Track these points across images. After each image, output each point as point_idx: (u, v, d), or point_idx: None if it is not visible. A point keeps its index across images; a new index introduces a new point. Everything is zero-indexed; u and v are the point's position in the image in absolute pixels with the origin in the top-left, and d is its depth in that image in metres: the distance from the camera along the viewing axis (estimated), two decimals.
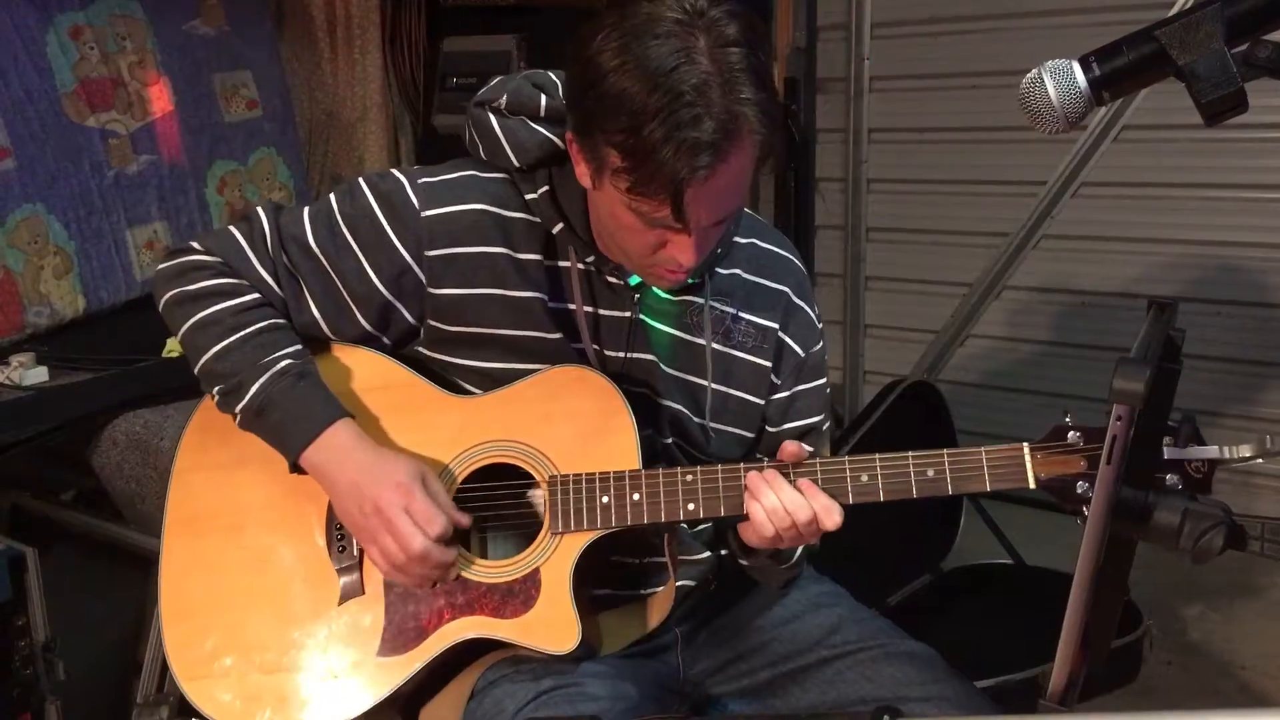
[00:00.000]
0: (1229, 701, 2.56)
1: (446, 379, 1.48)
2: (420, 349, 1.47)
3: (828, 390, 1.59)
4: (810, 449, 1.53)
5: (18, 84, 2.50)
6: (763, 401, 1.53)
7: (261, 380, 1.37)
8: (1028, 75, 0.99)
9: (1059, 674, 0.88)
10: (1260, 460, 1.18)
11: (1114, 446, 0.82)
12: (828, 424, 1.60)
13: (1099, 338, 3.37)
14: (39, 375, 2.29)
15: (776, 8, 3.66)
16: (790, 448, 1.36)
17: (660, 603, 1.48)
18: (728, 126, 1.19)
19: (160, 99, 2.83)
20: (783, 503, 1.32)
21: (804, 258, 1.62)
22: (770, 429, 1.55)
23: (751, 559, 1.47)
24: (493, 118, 1.43)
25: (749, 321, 1.50)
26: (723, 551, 1.54)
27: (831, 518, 1.32)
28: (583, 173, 1.32)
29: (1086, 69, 0.97)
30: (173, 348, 2.44)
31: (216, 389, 1.41)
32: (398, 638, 1.40)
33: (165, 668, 2.00)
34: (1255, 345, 3.19)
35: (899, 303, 3.80)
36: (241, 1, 3.07)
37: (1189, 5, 0.95)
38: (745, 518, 1.36)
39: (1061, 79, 0.97)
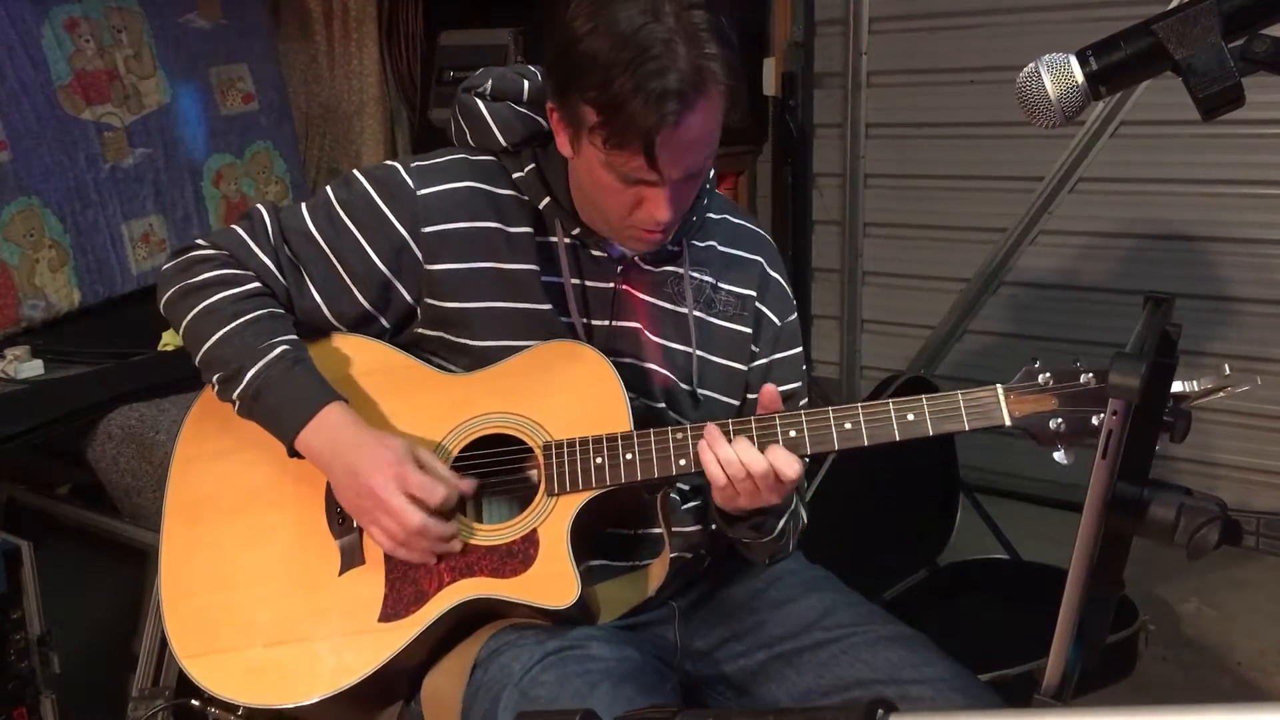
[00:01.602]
0: (1225, 697, 2.57)
1: (441, 363, 1.52)
2: (418, 330, 1.52)
3: (803, 358, 1.66)
4: None
5: (13, 77, 2.50)
6: (745, 368, 1.58)
7: (259, 365, 1.41)
8: (1024, 70, 0.99)
9: (1053, 669, 0.88)
10: (1221, 394, 1.20)
11: (1109, 441, 0.82)
12: (804, 397, 1.65)
13: (1096, 333, 3.37)
14: (34, 369, 2.29)
15: (775, 3, 3.66)
16: (768, 389, 1.40)
17: (656, 571, 1.50)
18: (693, 78, 1.27)
19: (156, 92, 2.83)
20: (737, 454, 1.34)
21: (801, 252, 1.65)
22: (751, 395, 1.59)
23: (732, 529, 1.49)
24: (479, 102, 1.51)
25: (728, 291, 1.58)
26: (713, 526, 1.55)
27: (793, 467, 1.34)
28: (563, 142, 1.40)
29: (1083, 63, 0.96)
30: (168, 341, 2.44)
31: (216, 376, 1.44)
32: (399, 603, 1.42)
33: (161, 660, 2.01)
34: (1252, 341, 3.19)
35: (896, 298, 3.80)
36: None
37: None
38: None
39: (1058, 73, 0.97)
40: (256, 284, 1.47)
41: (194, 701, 1.45)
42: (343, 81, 3.41)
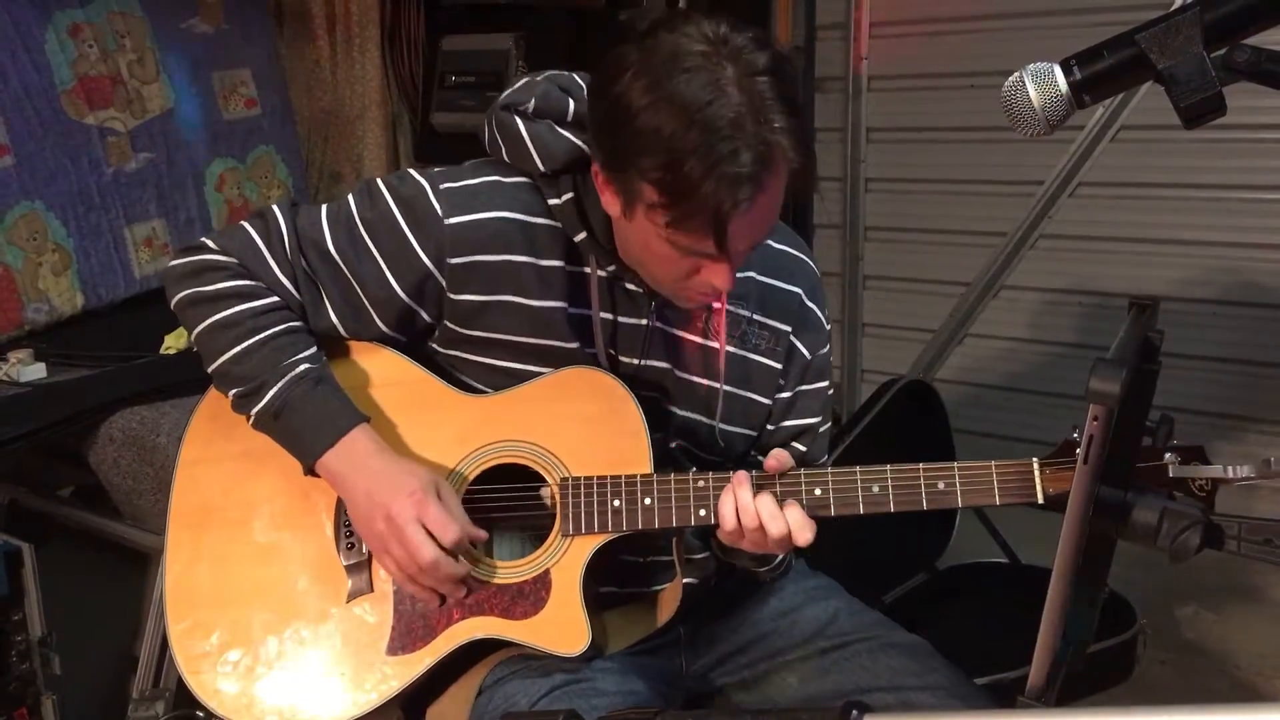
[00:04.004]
0: (1223, 701, 2.56)
1: (457, 377, 1.48)
2: (434, 346, 1.48)
3: (829, 392, 1.60)
4: (803, 448, 1.55)
5: (16, 81, 2.51)
6: (770, 401, 1.54)
7: (280, 384, 1.37)
8: (1009, 78, 1.00)
9: (1037, 671, 0.89)
10: (1257, 481, 1.19)
11: (1090, 447, 0.83)
12: (825, 425, 1.60)
13: (1096, 337, 3.38)
14: (37, 372, 2.30)
15: (775, 6, 3.66)
16: (770, 463, 1.36)
17: (667, 601, 1.48)
18: (764, 157, 1.19)
19: (159, 97, 2.84)
20: (756, 506, 1.32)
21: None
22: (769, 426, 1.55)
23: (729, 556, 1.48)
24: (520, 122, 1.40)
25: (763, 324, 1.51)
26: (713, 545, 1.54)
27: (803, 535, 1.33)
28: (610, 203, 1.32)
29: (1067, 72, 0.97)
30: (170, 344, 2.46)
31: (233, 391, 1.40)
32: (406, 636, 1.40)
33: (162, 662, 2.03)
34: (1251, 345, 3.19)
35: (896, 302, 3.81)
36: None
37: (1174, 9, 0.96)
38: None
39: (1042, 82, 0.98)
40: (274, 298, 1.41)
41: (198, 713, 1.45)
42: (345, 86, 3.42)
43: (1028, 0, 3.30)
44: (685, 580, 1.47)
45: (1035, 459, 1.30)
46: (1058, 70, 0.98)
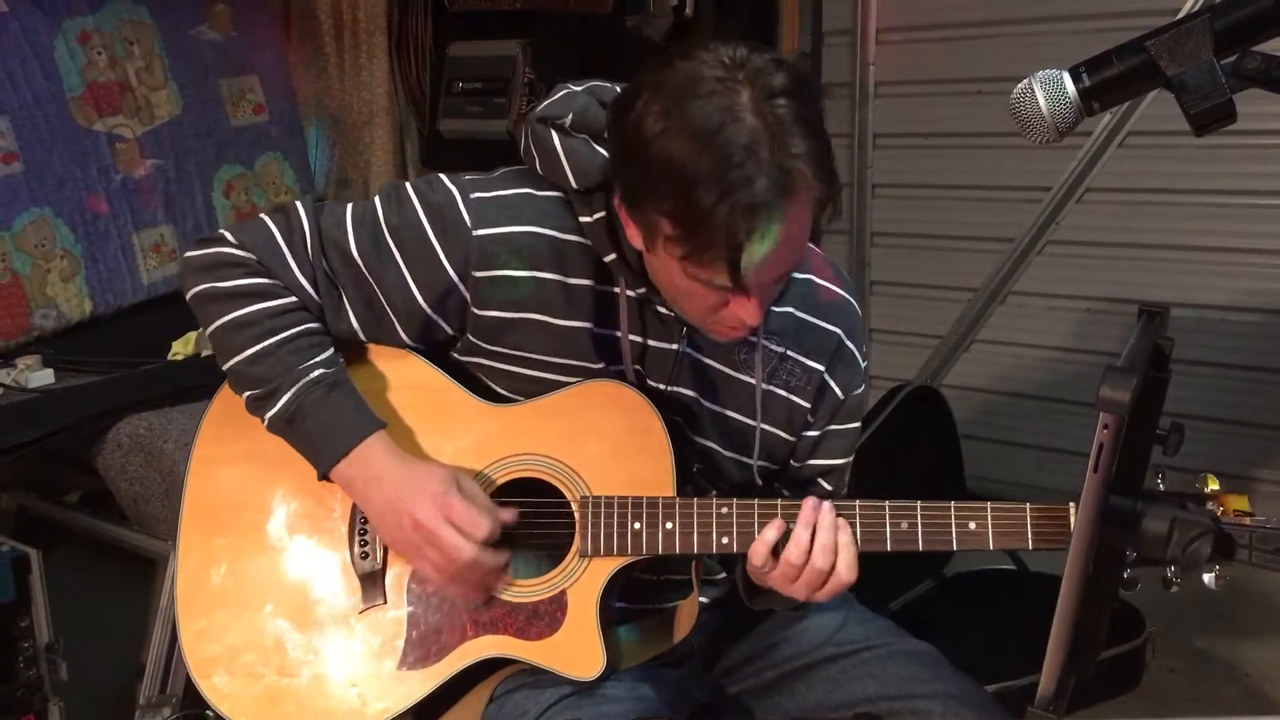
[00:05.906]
0: (1233, 708, 2.56)
1: (481, 383, 1.45)
2: (456, 355, 1.46)
3: (859, 432, 1.56)
4: (829, 487, 1.54)
5: (26, 88, 2.53)
6: (795, 438, 1.50)
7: (294, 389, 1.35)
8: (1018, 85, 1.00)
9: (1046, 680, 0.89)
10: None
11: (1101, 455, 0.83)
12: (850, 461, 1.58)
13: (1103, 344, 3.37)
14: (45, 377, 2.31)
15: (782, 13, 3.66)
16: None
17: (684, 619, 1.47)
18: (781, 184, 1.14)
19: (167, 103, 2.85)
20: (818, 541, 1.31)
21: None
22: (794, 463, 1.52)
23: (755, 601, 1.46)
24: (555, 136, 1.36)
25: (796, 361, 1.47)
26: (736, 570, 1.52)
27: (843, 577, 1.32)
28: (634, 236, 1.28)
29: (1076, 79, 0.97)
30: (178, 350, 2.46)
31: (247, 393, 1.38)
32: (419, 650, 1.39)
33: (169, 668, 2.03)
34: (1261, 352, 3.18)
35: (904, 308, 3.80)
36: (249, 7, 3.10)
37: (1184, 16, 0.96)
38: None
39: (1051, 89, 0.98)
40: (292, 299, 1.37)
41: (209, 712, 1.44)
42: (352, 92, 3.43)
43: (1035, 6, 3.29)
44: (701, 599, 1.45)
45: (1071, 503, 1.24)
46: (1067, 77, 0.98)
